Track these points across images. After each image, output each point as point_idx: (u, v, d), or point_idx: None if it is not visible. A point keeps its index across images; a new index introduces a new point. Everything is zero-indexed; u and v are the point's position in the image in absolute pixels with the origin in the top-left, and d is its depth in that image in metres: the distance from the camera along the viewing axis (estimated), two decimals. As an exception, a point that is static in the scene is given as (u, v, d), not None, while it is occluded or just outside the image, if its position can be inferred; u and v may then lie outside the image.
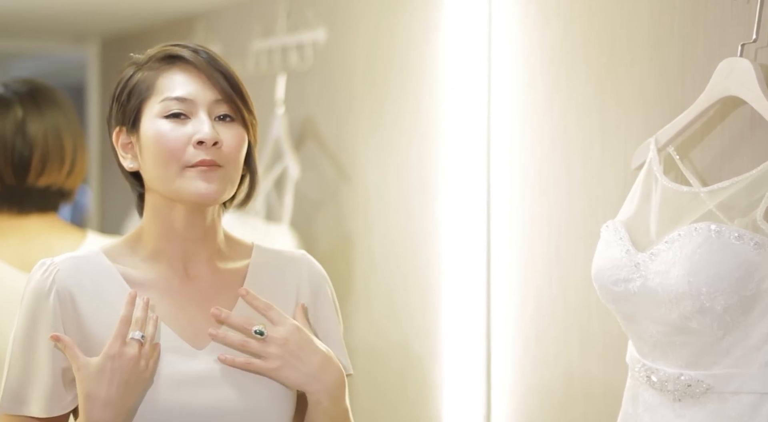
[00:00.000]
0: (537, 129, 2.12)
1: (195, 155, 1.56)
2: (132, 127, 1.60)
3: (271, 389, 1.61)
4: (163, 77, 1.59)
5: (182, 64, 1.60)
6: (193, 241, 1.62)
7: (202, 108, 1.58)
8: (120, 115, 1.61)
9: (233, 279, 1.65)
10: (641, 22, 1.83)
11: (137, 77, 1.61)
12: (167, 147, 1.56)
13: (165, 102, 1.57)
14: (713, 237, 1.47)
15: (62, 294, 1.57)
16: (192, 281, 1.63)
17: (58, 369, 1.57)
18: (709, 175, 1.69)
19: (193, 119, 1.58)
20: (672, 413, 1.56)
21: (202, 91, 1.59)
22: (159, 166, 1.57)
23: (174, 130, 1.57)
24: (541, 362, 2.11)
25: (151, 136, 1.57)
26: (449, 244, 2.39)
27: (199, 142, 1.56)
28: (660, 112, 1.78)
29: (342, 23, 2.81)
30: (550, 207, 2.08)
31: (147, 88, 1.59)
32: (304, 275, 1.70)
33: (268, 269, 1.69)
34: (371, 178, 2.69)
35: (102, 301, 1.59)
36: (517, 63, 2.17)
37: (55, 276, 1.58)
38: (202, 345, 1.60)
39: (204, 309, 1.62)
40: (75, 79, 5.08)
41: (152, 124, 1.57)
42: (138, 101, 1.59)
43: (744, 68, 1.56)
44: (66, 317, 1.57)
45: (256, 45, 3.17)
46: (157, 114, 1.57)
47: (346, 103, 2.80)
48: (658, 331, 1.55)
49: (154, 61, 1.61)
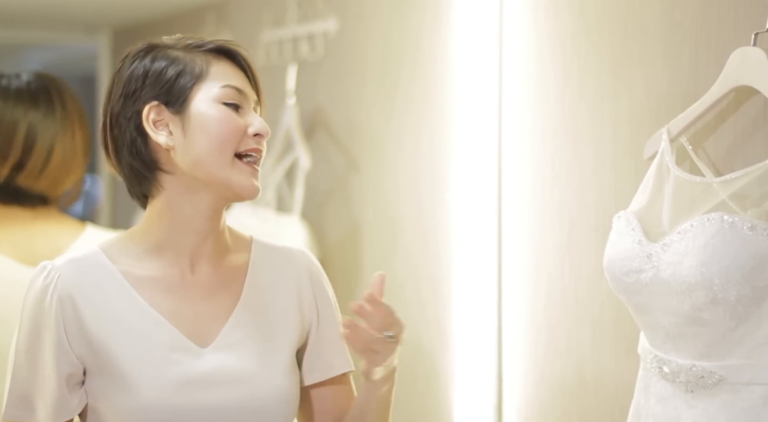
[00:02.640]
0: (548, 119, 2.11)
1: (249, 143, 1.59)
2: (180, 106, 1.59)
3: (277, 386, 1.61)
4: (215, 66, 1.62)
5: (230, 60, 1.64)
6: (204, 235, 1.62)
7: (249, 103, 1.62)
8: (164, 91, 1.60)
9: (235, 276, 1.65)
10: (653, 11, 1.82)
11: (183, 57, 1.61)
12: (226, 131, 1.58)
13: (226, 89, 1.60)
14: (726, 228, 1.46)
15: (63, 299, 1.57)
16: (195, 277, 1.62)
17: (62, 374, 1.56)
18: (722, 165, 1.68)
19: (242, 112, 1.61)
20: (684, 404, 1.55)
21: (249, 89, 1.63)
22: (213, 150, 1.58)
23: (234, 118, 1.59)
24: (553, 353, 2.11)
25: (209, 119, 1.58)
26: (460, 235, 2.39)
27: (257, 134, 1.60)
28: (672, 102, 1.77)
29: (353, 13, 2.80)
30: (562, 197, 2.07)
31: (200, 72, 1.60)
32: (303, 272, 1.70)
33: (269, 265, 1.68)
34: (382, 168, 2.68)
35: (104, 303, 1.58)
36: (529, 52, 2.16)
37: (56, 281, 1.57)
38: (206, 343, 1.60)
39: (207, 306, 1.61)
40: (86, 70, 5.08)
41: (210, 108, 1.58)
42: (190, 82, 1.60)
43: (757, 57, 1.55)
44: (68, 322, 1.56)
45: (266, 35, 3.17)
46: (216, 98, 1.59)
47: (357, 93, 2.80)
48: (670, 322, 1.55)
49: (195, 47, 1.63)
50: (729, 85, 1.61)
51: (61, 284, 1.57)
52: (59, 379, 1.56)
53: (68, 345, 1.56)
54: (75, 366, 1.57)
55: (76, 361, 1.57)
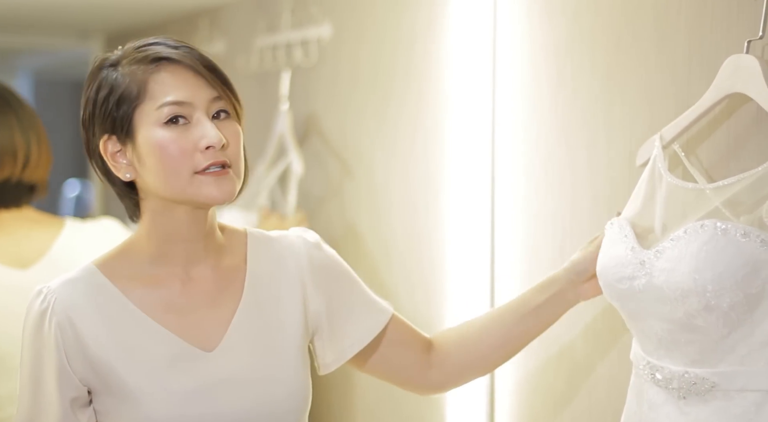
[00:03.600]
0: (542, 124, 2.11)
1: (203, 159, 1.52)
2: (126, 136, 1.54)
3: (288, 381, 1.60)
4: (152, 81, 1.52)
5: (170, 65, 1.54)
6: (195, 241, 1.60)
7: (200, 109, 1.54)
8: (108, 123, 1.54)
9: (234, 276, 1.64)
10: (647, 18, 1.83)
11: (120, 80, 1.53)
12: (173, 156, 1.51)
13: (161, 108, 1.51)
14: (719, 235, 1.46)
15: (62, 322, 1.54)
16: (194, 283, 1.61)
17: (66, 398, 1.55)
18: (716, 171, 1.69)
19: (192, 122, 1.53)
20: (677, 410, 1.55)
21: (198, 92, 1.54)
22: (167, 176, 1.52)
23: (177, 138, 1.52)
24: (545, 359, 2.11)
25: (153, 146, 1.52)
26: (454, 240, 2.39)
27: (208, 147, 1.52)
28: (665, 108, 1.78)
29: (347, 19, 2.80)
30: (555, 203, 2.08)
31: (137, 93, 1.52)
32: (303, 258, 1.68)
33: (266, 256, 1.66)
34: (376, 174, 2.68)
35: (104, 322, 1.56)
36: (522, 58, 2.17)
37: (53, 305, 1.55)
38: (212, 348, 1.58)
39: (209, 310, 1.60)
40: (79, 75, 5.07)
41: (152, 134, 1.51)
42: (129, 108, 1.53)
43: (750, 65, 1.56)
44: (68, 346, 1.54)
45: (260, 41, 3.17)
46: (154, 122, 1.52)
47: (350, 99, 2.80)
48: (663, 329, 1.55)
49: (136, 62, 1.54)
50: (722, 92, 1.61)
51: (59, 307, 1.54)
52: (63, 403, 1.55)
53: (70, 369, 1.55)
54: (78, 389, 1.56)
55: (80, 384, 1.56)
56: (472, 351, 1.78)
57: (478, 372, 1.82)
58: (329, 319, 1.69)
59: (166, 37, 1.58)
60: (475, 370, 1.80)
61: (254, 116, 3.29)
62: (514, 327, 1.76)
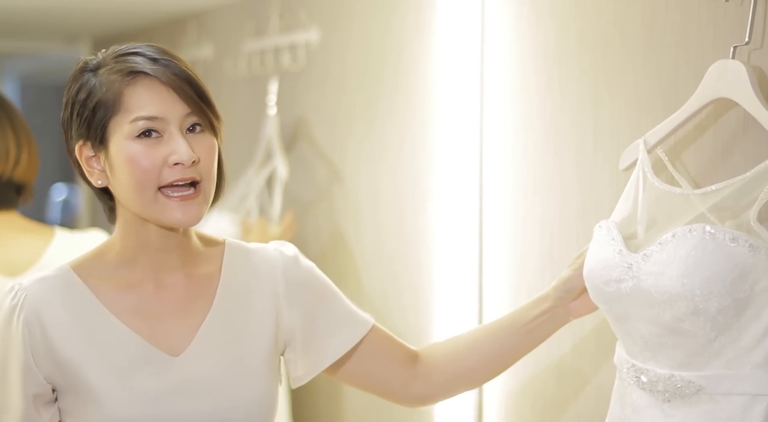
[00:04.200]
0: (530, 129, 2.12)
1: (171, 175, 1.53)
2: (100, 144, 1.55)
3: (251, 391, 1.61)
4: (128, 93, 1.53)
5: (145, 79, 1.54)
6: (167, 251, 1.60)
7: (174, 124, 1.54)
8: (84, 129, 1.55)
9: (207, 285, 1.64)
10: (634, 23, 1.83)
11: (98, 88, 1.54)
12: (141, 170, 1.51)
13: (135, 122, 1.52)
14: (707, 239, 1.47)
15: (30, 319, 1.55)
16: (166, 289, 1.61)
17: (29, 395, 1.56)
18: (702, 177, 1.69)
19: (165, 137, 1.53)
20: (661, 414, 1.56)
21: (172, 107, 1.53)
22: (133, 190, 1.53)
23: (147, 152, 1.52)
24: (533, 362, 2.11)
25: (123, 158, 1.52)
26: (442, 245, 2.39)
27: (177, 163, 1.52)
28: (653, 113, 1.79)
29: (335, 24, 2.81)
30: (543, 207, 2.08)
31: (113, 103, 1.53)
32: (278, 272, 1.68)
33: (242, 271, 1.67)
34: (363, 178, 2.69)
35: (73, 321, 1.56)
36: (510, 63, 2.17)
37: (22, 302, 1.55)
38: (178, 352, 1.59)
39: (179, 316, 1.60)
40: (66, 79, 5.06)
41: (123, 146, 1.52)
42: (104, 117, 1.53)
43: (736, 70, 1.56)
44: (35, 343, 1.55)
45: (248, 45, 3.17)
46: (127, 135, 1.52)
47: (338, 103, 2.80)
48: (650, 332, 1.55)
49: (114, 72, 1.54)
50: (707, 98, 1.61)
51: (28, 304, 1.55)
52: (26, 399, 1.55)
53: (35, 366, 1.55)
54: (42, 387, 1.56)
55: (44, 382, 1.56)
56: (461, 365, 1.77)
57: (464, 386, 1.81)
58: (304, 333, 1.69)
59: (148, 46, 1.58)
60: (462, 384, 1.80)
61: (242, 120, 3.28)
62: (505, 342, 1.76)
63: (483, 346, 1.77)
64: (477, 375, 1.79)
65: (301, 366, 1.72)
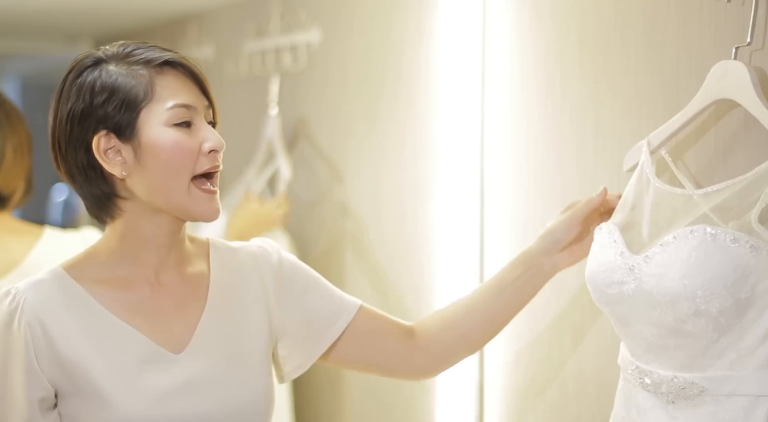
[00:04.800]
0: (531, 130, 2.12)
1: (206, 162, 1.56)
2: (129, 134, 1.55)
3: (251, 386, 1.62)
4: (159, 83, 1.55)
5: (173, 70, 1.57)
6: (169, 248, 1.62)
7: (200, 114, 1.58)
8: (109, 120, 1.55)
9: (199, 283, 1.65)
10: (636, 24, 1.83)
11: (122, 81, 1.55)
12: (181, 156, 1.54)
13: (173, 110, 1.54)
14: (709, 240, 1.47)
15: (32, 323, 1.54)
16: (162, 287, 1.62)
17: (34, 399, 1.55)
18: (704, 177, 1.69)
19: (194, 127, 1.57)
20: (665, 415, 1.56)
21: (198, 97, 1.58)
22: (169, 176, 1.54)
23: (186, 139, 1.55)
24: (535, 364, 2.11)
25: (160, 145, 1.54)
26: (443, 246, 2.39)
27: (212, 150, 1.56)
28: (654, 114, 1.78)
29: (336, 24, 2.81)
30: (544, 208, 2.08)
31: (145, 93, 1.54)
32: (264, 268, 1.70)
33: (229, 268, 1.68)
34: (364, 179, 2.69)
35: (73, 323, 1.56)
36: (511, 64, 2.17)
37: (23, 305, 1.55)
38: (180, 349, 1.59)
39: (177, 314, 1.61)
40: (67, 79, 5.06)
41: (160, 133, 1.54)
42: (136, 108, 1.54)
43: (738, 71, 1.56)
44: (38, 346, 1.54)
45: (249, 46, 3.17)
46: (164, 122, 1.54)
47: (339, 104, 2.80)
48: (652, 334, 1.55)
49: (140, 62, 1.56)
50: (709, 98, 1.61)
51: (29, 308, 1.54)
52: (31, 404, 1.55)
53: (39, 369, 1.54)
54: (46, 390, 1.56)
55: (48, 385, 1.55)
56: (457, 332, 1.80)
57: (464, 351, 1.84)
58: (295, 324, 1.72)
59: (155, 44, 1.62)
60: (461, 350, 1.83)
61: (243, 121, 3.28)
62: (496, 303, 1.80)
63: (475, 310, 1.80)
64: (475, 340, 1.82)
65: (297, 357, 1.74)
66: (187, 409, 1.57)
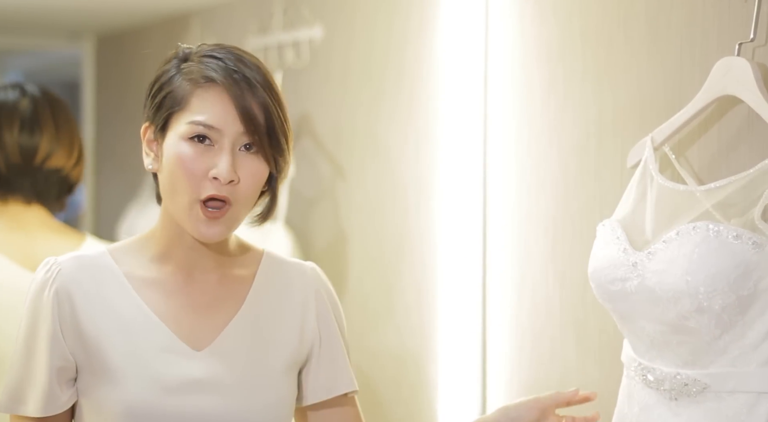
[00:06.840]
0: (533, 127, 2.11)
1: (208, 189, 1.53)
2: (160, 132, 1.57)
3: (266, 397, 1.61)
4: (196, 96, 1.54)
5: (216, 88, 1.54)
6: (201, 252, 1.61)
7: (228, 138, 1.53)
8: (152, 113, 1.58)
9: (239, 288, 1.64)
10: (639, 21, 1.83)
11: (175, 81, 1.56)
12: (186, 173, 1.52)
13: (192, 125, 1.52)
14: (711, 237, 1.47)
15: (61, 293, 1.57)
16: (197, 285, 1.62)
17: (54, 368, 1.57)
18: (706, 174, 1.69)
19: (216, 148, 1.53)
20: (668, 412, 1.56)
21: (230, 121, 1.53)
22: (173, 189, 1.54)
23: (195, 157, 1.52)
24: (537, 361, 2.11)
25: (171, 155, 1.54)
26: (445, 242, 2.39)
27: (214, 178, 1.52)
28: (657, 111, 1.78)
29: (338, 21, 2.81)
30: (547, 205, 2.08)
31: (180, 100, 1.54)
32: (310, 290, 1.67)
33: (276, 280, 1.66)
34: (367, 175, 2.69)
35: (101, 301, 1.58)
36: (514, 61, 2.17)
37: (56, 275, 1.58)
38: (201, 347, 1.59)
39: (206, 313, 1.61)
40: (70, 76, 5.07)
41: (175, 143, 1.53)
42: (169, 110, 1.55)
43: (741, 67, 1.56)
44: (63, 316, 1.57)
45: (252, 42, 3.17)
46: (182, 134, 1.53)
47: (342, 100, 2.80)
48: (655, 330, 1.55)
49: (193, 71, 1.55)
50: (713, 95, 1.61)
51: (60, 278, 1.58)
52: (50, 372, 1.57)
53: (62, 338, 1.57)
54: (67, 361, 1.57)
55: (69, 356, 1.57)
56: None
57: None
58: (317, 356, 1.67)
59: (234, 53, 1.59)
60: None
61: (245, 117, 3.28)
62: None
63: None
64: None
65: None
66: (196, 407, 1.56)
